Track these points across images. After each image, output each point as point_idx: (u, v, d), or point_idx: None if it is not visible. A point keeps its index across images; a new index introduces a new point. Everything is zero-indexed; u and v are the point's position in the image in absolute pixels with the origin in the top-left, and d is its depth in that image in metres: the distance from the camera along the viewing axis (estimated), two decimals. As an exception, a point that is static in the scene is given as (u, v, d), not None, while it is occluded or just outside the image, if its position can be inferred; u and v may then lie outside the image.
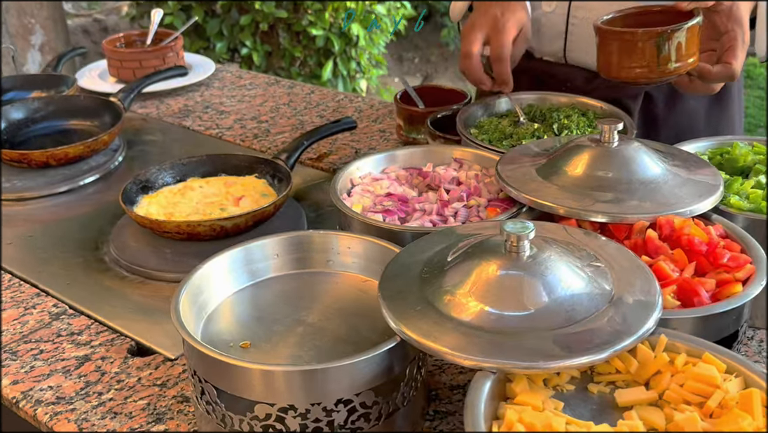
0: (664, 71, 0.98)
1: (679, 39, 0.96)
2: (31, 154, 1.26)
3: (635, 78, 0.99)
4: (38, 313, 0.93)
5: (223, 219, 1.05)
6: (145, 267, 1.04)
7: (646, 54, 0.96)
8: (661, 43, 0.96)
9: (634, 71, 0.98)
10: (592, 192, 0.82)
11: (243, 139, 1.45)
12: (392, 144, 1.40)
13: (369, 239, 0.78)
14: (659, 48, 0.96)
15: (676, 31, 0.95)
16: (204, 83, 1.74)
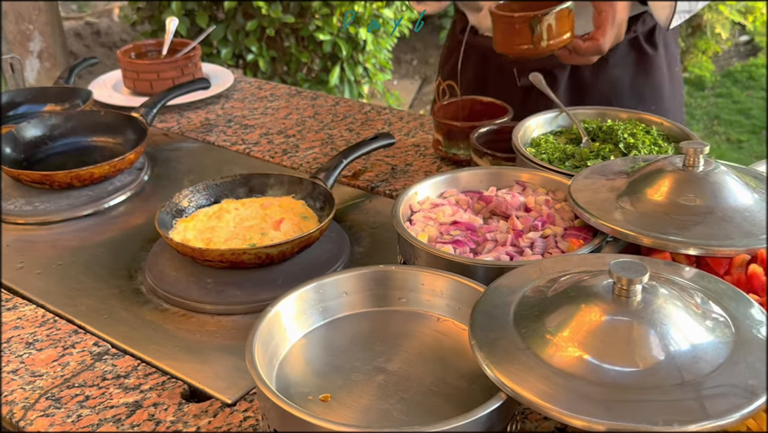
0: (539, 48, 1.17)
1: (548, 21, 1.15)
2: (54, 175, 1.20)
3: (520, 54, 1.19)
4: (79, 353, 0.87)
5: (269, 247, 0.99)
6: (187, 299, 0.98)
7: (524, 34, 1.16)
8: (534, 25, 1.15)
9: (518, 48, 1.18)
10: (680, 221, 0.77)
11: (272, 156, 1.39)
12: (429, 160, 1.34)
13: (449, 276, 0.73)
14: (533, 29, 1.15)
15: (545, 15, 1.15)
16: (223, 95, 1.68)
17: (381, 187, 1.26)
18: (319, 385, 0.66)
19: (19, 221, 1.18)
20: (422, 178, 0.93)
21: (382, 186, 1.26)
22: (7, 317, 0.94)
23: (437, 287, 0.72)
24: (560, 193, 0.90)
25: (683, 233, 0.75)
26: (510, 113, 1.29)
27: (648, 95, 1.41)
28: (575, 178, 0.87)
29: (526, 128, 1.06)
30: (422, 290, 0.74)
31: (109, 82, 1.70)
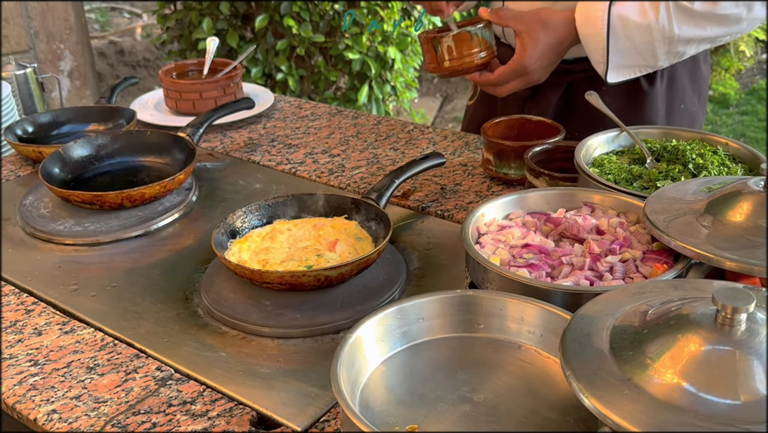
0: (442, 68, 1.27)
1: (447, 44, 1.24)
2: (105, 196, 1.19)
3: (432, 71, 1.29)
4: (142, 378, 0.85)
5: (329, 269, 0.97)
6: (247, 322, 0.96)
7: (431, 53, 1.26)
8: (435, 47, 1.25)
9: (428, 67, 1.29)
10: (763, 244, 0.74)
11: (318, 175, 1.37)
12: (479, 179, 1.33)
13: (531, 302, 0.70)
14: (436, 50, 1.25)
15: (442, 38, 1.24)
16: (264, 115, 1.67)
17: (432, 207, 1.24)
18: (405, 415, 0.64)
19: (69, 241, 1.17)
20: (487, 200, 0.91)
21: (432, 206, 1.24)
22: (66, 341, 0.92)
23: (519, 313, 0.70)
24: (632, 215, 0.88)
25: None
26: (562, 132, 1.27)
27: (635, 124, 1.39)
28: (649, 200, 0.85)
29: (587, 148, 1.04)
30: (503, 316, 0.71)
31: (150, 102, 1.70)
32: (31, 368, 0.87)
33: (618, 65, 1.24)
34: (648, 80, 1.41)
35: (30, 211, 1.23)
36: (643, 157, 1.04)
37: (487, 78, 1.27)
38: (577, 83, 1.42)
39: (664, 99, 1.44)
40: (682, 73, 1.45)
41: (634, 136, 1.07)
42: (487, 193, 1.27)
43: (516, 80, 1.26)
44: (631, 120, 1.36)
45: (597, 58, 1.25)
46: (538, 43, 1.23)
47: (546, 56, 1.25)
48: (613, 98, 1.39)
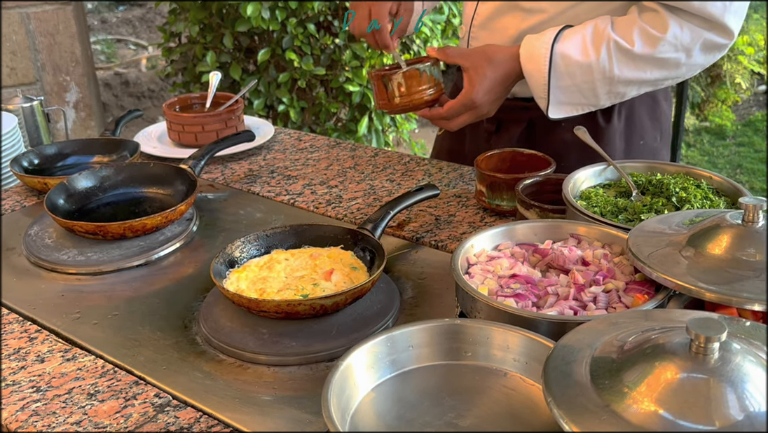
0: (392, 104, 1.32)
1: (397, 81, 1.28)
2: (108, 226, 1.22)
3: (382, 108, 1.33)
4: (141, 405, 0.88)
5: (324, 298, 1.00)
6: (243, 350, 0.98)
7: (382, 90, 1.31)
8: (385, 84, 1.29)
9: (379, 103, 1.33)
10: (742, 276, 0.77)
11: (316, 206, 1.41)
12: (472, 211, 1.36)
13: (517, 331, 0.73)
14: (386, 87, 1.29)
15: (392, 75, 1.28)
16: (264, 147, 1.71)
17: (426, 237, 1.27)
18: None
19: (72, 270, 1.20)
20: (477, 231, 0.94)
21: (427, 237, 1.27)
22: (68, 368, 0.95)
23: (505, 341, 0.73)
24: (616, 246, 0.91)
25: (747, 288, 0.75)
26: (553, 165, 1.31)
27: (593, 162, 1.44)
28: (633, 232, 0.88)
29: (575, 181, 1.08)
30: (489, 344, 0.74)
31: (153, 134, 1.74)
32: (34, 394, 0.90)
33: (560, 101, 1.29)
34: (605, 117, 1.45)
35: (35, 241, 1.27)
36: (629, 190, 1.07)
37: (437, 112, 1.31)
38: (537, 120, 1.48)
39: (623, 136, 1.48)
40: (640, 110, 1.49)
41: (620, 170, 1.10)
42: (480, 224, 1.30)
43: (465, 114, 1.30)
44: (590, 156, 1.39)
45: (539, 93, 1.29)
46: (485, 79, 1.28)
47: (493, 91, 1.29)
48: (572, 134, 1.42)
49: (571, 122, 1.46)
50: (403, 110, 1.34)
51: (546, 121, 1.44)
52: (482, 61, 1.29)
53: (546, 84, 1.26)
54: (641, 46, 1.22)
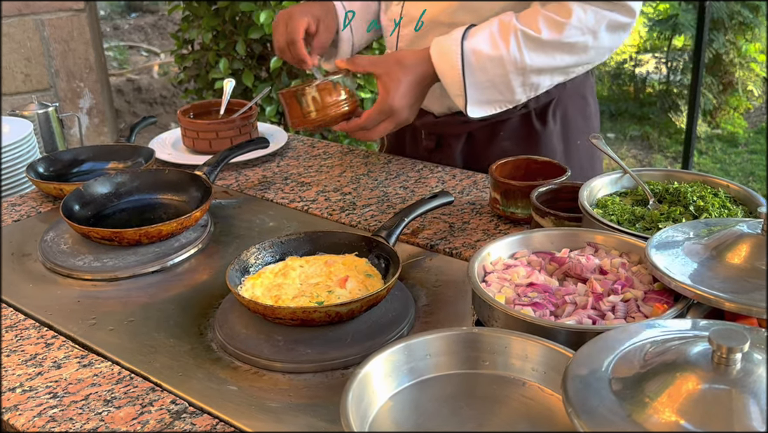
0: (308, 120, 1.28)
1: (311, 95, 1.27)
2: (123, 232, 1.23)
3: (298, 125, 1.30)
4: (157, 411, 0.88)
5: (340, 305, 1.00)
6: (259, 356, 0.99)
7: (296, 107, 1.28)
8: (299, 99, 1.26)
9: (294, 120, 1.29)
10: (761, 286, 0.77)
11: (330, 213, 1.41)
12: (486, 218, 1.36)
13: (536, 340, 0.73)
14: (300, 103, 1.27)
15: (305, 89, 1.27)
16: (278, 153, 1.72)
17: (440, 245, 1.27)
18: (412, 449, 0.67)
19: (88, 276, 1.21)
20: (493, 239, 0.94)
21: (441, 244, 1.27)
22: (84, 374, 0.95)
23: (523, 350, 0.73)
24: (634, 255, 0.91)
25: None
26: (568, 173, 1.30)
27: None
28: (651, 241, 0.88)
29: (591, 189, 1.07)
30: (507, 353, 0.74)
31: (168, 141, 1.75)
32: (50, 400, 0.90)
33: (477, 100, 1.29)
34: (541, 122, 1.49)
35: (51, 247, 1.27)
36: (646, 198, 1.07)
37: (355, 123, 1.30)
38: (476, 132, 1.52)
39: (560, 138, 1.52)
40: (573, 111, 1.53)
41: (636, 178, 1.10)
42: (495, 232, 1.30)
43: (385, 122, 1.29)
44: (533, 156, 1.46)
45: (455, 91, 1.29)
46: (399, 84, 1.28)
47: (409, 94, 1.29)
48: (511, 142, 1.52)
49: (508, 131, 1.52)
50: (320, 125, 1.31)
51: (485, 132, 1.52)
52: (394, 66, 1.29)
53: (461, 80, 1.26)
54: (548, 32, 1.24)
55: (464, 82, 1.26)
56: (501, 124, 1.50)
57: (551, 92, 1.49)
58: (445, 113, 1.55)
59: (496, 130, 1.50)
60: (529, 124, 1.50)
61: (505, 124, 1.51)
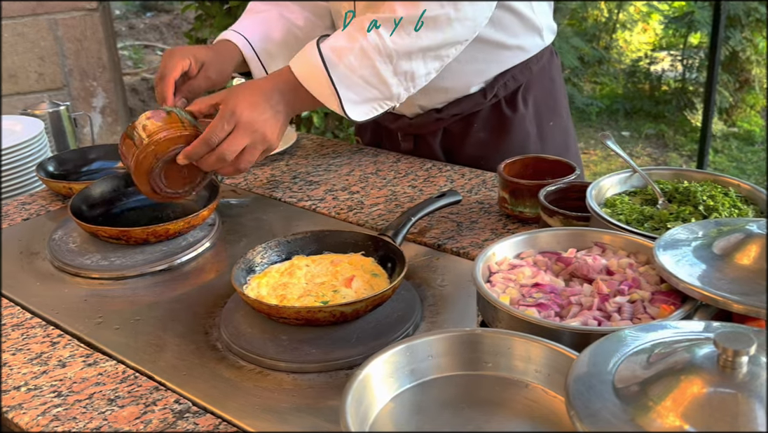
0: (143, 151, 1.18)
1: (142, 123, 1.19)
2: (131, 231, 1.23)
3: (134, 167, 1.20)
4: (160, 411, 0.88)
5: (344, 305, 1.00)
6: (263, 356, 0.98)
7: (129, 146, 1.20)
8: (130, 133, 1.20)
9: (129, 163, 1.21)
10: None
11: (338, 212, 1.40)
12: (494, 217, 1.34)
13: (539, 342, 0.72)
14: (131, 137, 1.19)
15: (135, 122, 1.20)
16: (287, 152, 1.72)
17: (447, 244, 1.26)
18: (412, 452, 0.66)
19: (95, 275, 1.21)
20: (499, 239, 0.93)
21: (448, 243, 1.26)
22: (89, 373, 0.95)
23: (526, 352, 0.72)
24: (641, 255, 0.89)
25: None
26: (576, 171, 1.29)
27: (513, 153, 1.45)
28: (659, 241, 0.86)
29: (599, 188, 1.06)
30: (510, 354, 0.73)
31: (176, 139, 1.75)
32: (55, 399, 0.90)
33: (353, 101, 1.21)
34: (511, 108, 1.52)
35: (59, 246, 1.28)
36: (655, 198, 1.05)
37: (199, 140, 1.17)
38: (450, 126, 1.54)
39: (533, 121, 1.53)
40: (542, 94, 1.54)
41: (646, 177, 1.09)
42: (503, 231, 1.29)
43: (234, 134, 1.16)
44: (505, 147, 1.52)
45: (325, 91, 1.20)
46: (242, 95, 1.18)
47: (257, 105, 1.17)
48: (485, 132, 1.52)
49: (481, 121, 1.53)
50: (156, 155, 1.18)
51: (459, 126, 1.51)
52: (236, 88, 1.21)
53: (326, 77, 1.18)
54: (403, 10, 1.17)
55: (330, 78, 1.18)
56: (473, 116, 1.53)
57: (518, 78, 1.51)
58: (417, 113, 1.57)
59: (469, 122, 1.51)
60: (500, 112, 1.52)
61: (476, 115, 1.53)
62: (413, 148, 1.65)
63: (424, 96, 1.52)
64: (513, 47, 1.50)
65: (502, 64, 1.50)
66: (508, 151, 1.55)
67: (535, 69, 1.53)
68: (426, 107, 1.55)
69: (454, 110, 1.53)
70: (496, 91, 1.51)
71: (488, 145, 1.56)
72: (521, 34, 1.50)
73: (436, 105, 1.53)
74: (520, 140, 1.55)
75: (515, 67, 1.51)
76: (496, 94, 1.51)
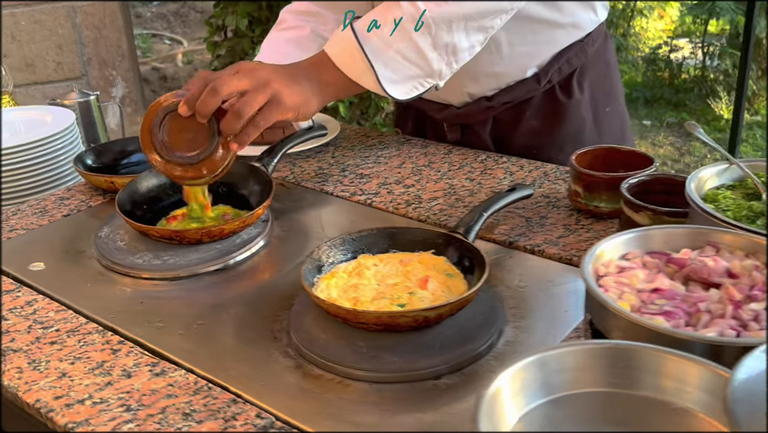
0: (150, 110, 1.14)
1: None
2: (185, 232, 1.16)
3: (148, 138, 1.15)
4: (242, 426, 0.81)
5: (428, 309, 0.93)
6: (342, 364, 0.91)
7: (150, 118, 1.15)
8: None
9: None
10: None
11: (395, 207, 1.33)
12: (565, 212, 1.27)
13: (693, 360, 0.64)
14: None
15: None
16: (332, 143, 1.64)
17: (519, 241, 1.19)
18: (552, 480, 0.59)
19: (147, 275, 1.14)
20: (606, 238, 0.85)
21: (520, 240, 1.19)
22: (158, 384, 0.88)
23: (679, 370, 0.64)
24: (762, 255, 0.82)
25: None
26: (655, 164, 1.21)
27: (568, 142, 1.43)
28: (786, 241, 0.79)
29: (698, 180, 0.99)
30: (657, 372, 0.65)
31: (215, 130, 1.68)
32: (125, 414, 0.83)
33: (391, 80, 1.14)
34: (565, 93, 1.44)
35: (107, 244, 1.21)
36: (757, 191, 0.98)
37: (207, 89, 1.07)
38: (501, 115, 1.47)
39: (588, 107, 1.46)
40: (598, 78, 1.47)
41: (744, 169, 1.01)
42: (577, 227, 1.22)
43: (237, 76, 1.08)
44: (559, 135, 1.46)
45: (359, 68, 1.12)
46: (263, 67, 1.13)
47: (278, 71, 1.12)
48: (537, 120, 1.46)
49: (534, 109, 1.45)
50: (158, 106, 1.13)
51: (510, 114, 1.44)
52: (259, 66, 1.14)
53: (360, 51, 1.10)
54: None
55: (364, 52, 1.11)
56: (525, 104, 1.46)
57: (573, 62, 1.44)
58: (465, 102, 1.50)
59: (521, 109, 1.44)
60: (553, 98, 1.45)
61: (529, 102, 1.46)
62: (460, 139, 1.58)
63: (473, 83, 1.45)
64: (567, 25, 1.42)
65: (555, 44, 1.43)
66: (562, 140, 1.49)
67: (590, 51, 1.47)
68: (475, 95, 1.48)
69: (506, 98, 1.46)
70: (550, 76, 1.44)
71: (541, 133, 1.49)
72: (575, 10, 1.42)
73: (486, 92, 1.47)
74: (575, 128, 1.49)
75: (570, 50, 1.44)
76: (550, 80, 1.45)
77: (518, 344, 0.95)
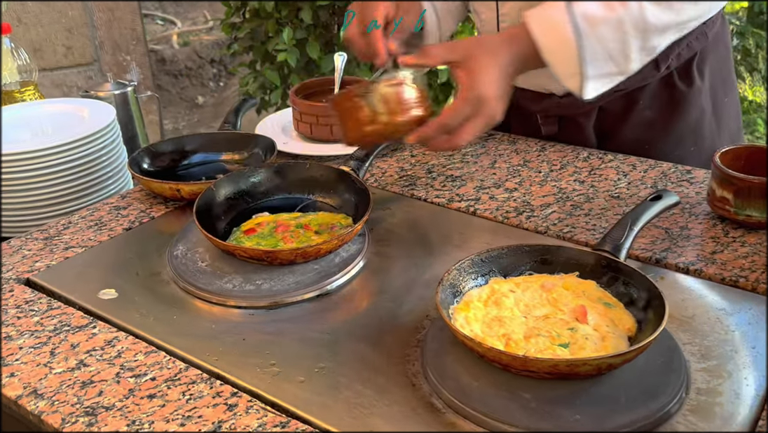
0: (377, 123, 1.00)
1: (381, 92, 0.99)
2: (278, 252, 0.99)
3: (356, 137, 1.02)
4: None
5: (612, 357, 0.77)
6: (509, 423, 0.75)
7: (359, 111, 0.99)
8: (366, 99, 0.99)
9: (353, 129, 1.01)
10: None
11: (505, 216, 1.17)
12: (706, 221, 1.11)
13: None
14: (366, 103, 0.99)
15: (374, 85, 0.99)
16: (407, 139, 1.47)
17: (668, 258, 1.03)
18: None
19: (242, 303, 0.97)
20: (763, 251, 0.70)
21: (668, 257, 1.03)
22: (294, 451, 0.72)
23: None
24: None
25: None
26: (811, 166, 1.06)
27: (687, 135, 1.34)
28: None
29: None
30: None
31: (276, 126, 1.50)
32: (266, 497, 0.67)
33: (592, 77, 1.04)
34: (685, 81, 1.32)
35: (185, 265, 1.04)
36: None
37: (435, 123, 1.00)
38: (609, 105, 1.33)
39: (708, 96, 1.34)
40: (718, 63, 1.35)
41: None
42: (727, 240, 1.06)
43: (473, 120, 0.99)
44: (676, 128, 1.34)
45: (569, 69, 1.03)
46: (487, 67, 1.00)
47: (499, 82, 1.01)
48: (651, 110, 1.33)
49: (648, 98, 1.32)
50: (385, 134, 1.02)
51: (619, 104, 1.31)
52: (475, 48, 1.01)
53: (576, 56, 1.01)
54: None
55: (581, 58, 1.02)
56: (639, 92, 1.31)
57: (694, 46, 1.30)
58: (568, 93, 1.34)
59: (633, 98, 1.31)
60: (671, 86, 1.32)
61: (643, 90, 1.32)
62: (557, 132, 1.42)
63: None
64: None
65: None
66: (680, 134, 1.35)
67: (710, 35, 1.32)
68: None
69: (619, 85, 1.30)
70: (669, 61, 1.29)
71: (655, 126, 1.35)
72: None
73: None
74: (693, 120, 1.34)
75: (690, 33, 1.28)
76: (669, 66, 1.30)
77: (714, 393, 0.79)
